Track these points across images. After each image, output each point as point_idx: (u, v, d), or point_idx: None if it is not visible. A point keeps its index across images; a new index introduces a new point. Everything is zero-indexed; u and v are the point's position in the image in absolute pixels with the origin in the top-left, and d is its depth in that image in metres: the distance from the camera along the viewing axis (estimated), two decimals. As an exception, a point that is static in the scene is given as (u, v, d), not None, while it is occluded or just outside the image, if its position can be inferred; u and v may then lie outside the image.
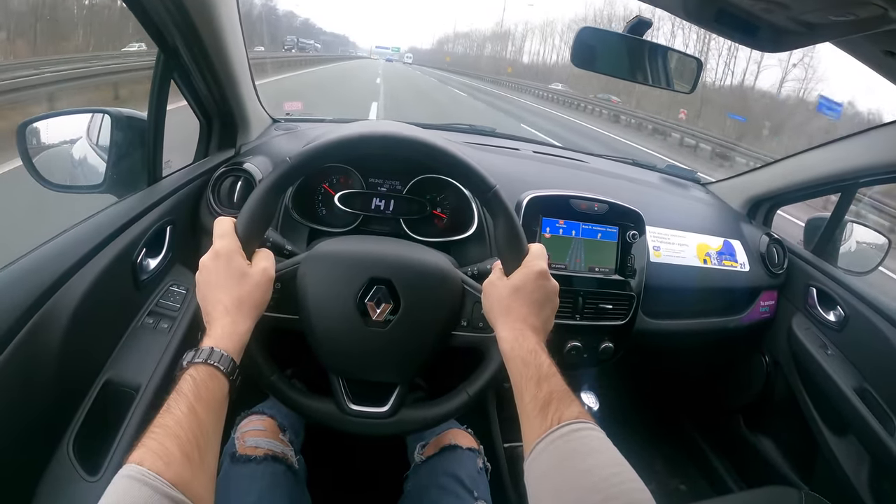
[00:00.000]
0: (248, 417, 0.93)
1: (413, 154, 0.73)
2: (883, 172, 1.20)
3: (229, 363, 0.58)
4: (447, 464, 0.92)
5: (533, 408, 0.56)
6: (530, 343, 0.63)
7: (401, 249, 0.80)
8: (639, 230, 1.14)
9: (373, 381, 0.77)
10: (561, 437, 0.52)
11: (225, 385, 0.57)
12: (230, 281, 0.63)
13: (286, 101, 1.47)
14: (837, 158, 1.28)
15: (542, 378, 0.59)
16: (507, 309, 0.67)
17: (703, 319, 1.30)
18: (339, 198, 1.09)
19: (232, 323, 0.62)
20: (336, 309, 0.72)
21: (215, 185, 1.06)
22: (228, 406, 0.59)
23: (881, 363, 1.17)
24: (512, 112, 16.20)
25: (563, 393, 0.57)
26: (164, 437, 0.47)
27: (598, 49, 1.06)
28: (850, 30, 0.64)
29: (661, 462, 1.61)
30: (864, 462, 1.18)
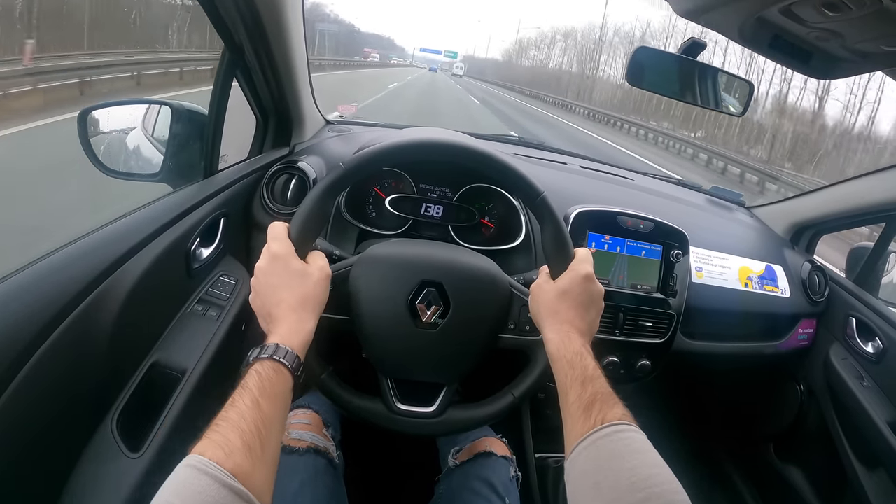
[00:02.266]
0: (294, 410, 0.96)
1: (464, 161, 0.75)
2: None
3: (294, 359, 0.59)
4: (481, 469, 0.93)
5: (577, 408, 0.58)
6: (576, 345, 0.64)
7: (451, 254, 0.81)
8: (683, 250, 1.14)
9: (421, 382, 0.78)
10: (604, 436, 0.53)
11: (289, 380, 0.58)
12: (293, 280, 0.65)
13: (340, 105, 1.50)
14: (885, 188, 1.27)
15: (587, 379, 0.60)
16: (554, 311, 0.69)
17: (740, 343, 1.29)
18: (389, 201, 1.11)
19: (298, 321, 0.63)
20: (387, 310, 0.74)
21: (269, 182, 1.09)
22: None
23: None
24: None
25: (607, 395, 0.58)
26: (228, 429, 0.49)
27: (652, 69, 1.08)
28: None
29: (687, 485, 1.58)
30: (893, 498, 1.16)
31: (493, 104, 20.43)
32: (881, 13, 0.53)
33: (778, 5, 0.59)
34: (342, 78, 19.81)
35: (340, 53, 52.72)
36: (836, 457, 1.29)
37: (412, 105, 15.07)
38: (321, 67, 20.99)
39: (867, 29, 0.59)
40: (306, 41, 1.14)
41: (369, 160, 0.73)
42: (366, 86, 17.58)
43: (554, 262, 0.73)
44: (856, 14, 0.55)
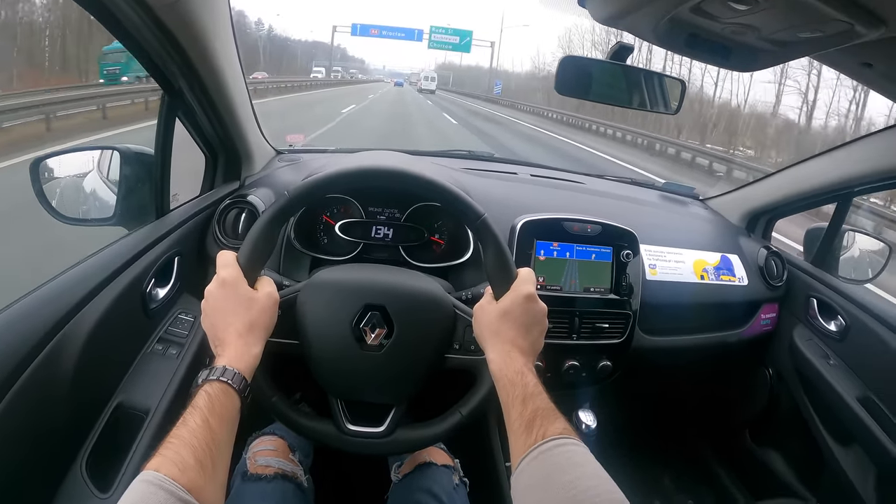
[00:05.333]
0: (260, 438, 0.97)
1: (403, 186, 0.77)
2: (877, 180, 1.20)
3: (241, 381, 0.62)
4: (423, 481, 0.94)
5: (519, 425, 0.59)
6: (517, 364, 0.66)
7: (394, 277, 0.83)
8: (633, 249, 1.15)
9: (370, 403, 0.80)
10: (544, 451, 0.55)
11: (237, 401, 0.61)
12: (240, 306, 0.67)
13: (288, 134, 1.51)
14: (832, 168, 1.28)
15: (528, 397, 0.61)
16: (496, 332, 0.70)
17: (702, 335, 1.31)
18: (339, 227, 1.12)
19: (245, 345, 0.66)
20: (333, 334, 0.75)
21: (220, 217, 1.10)
22: (241, 427, 0.62)
23: (884, 371, 1.17)
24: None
25: (547, 410, 0.60)
26: (180, 446, 0.51)
27: (580, 77, 1.09)
28: (822, 45, 0.65)
29: (669, 478, 1.61)
30: (869, 472, 1.17)
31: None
32: (790, 3, 0.54)
33: (687, 4, 0.59)
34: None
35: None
36: (810, 436, 1.31)
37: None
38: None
39: (779, 20, 0.60)
40: (244, 76, 1.15)
41: (311, 188, 0.75)
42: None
43: (496, 283, 0.74)
44: (765, 6, 0.56)
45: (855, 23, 0.54)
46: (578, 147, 14.32)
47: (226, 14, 0.96)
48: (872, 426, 1.12)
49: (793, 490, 1.38)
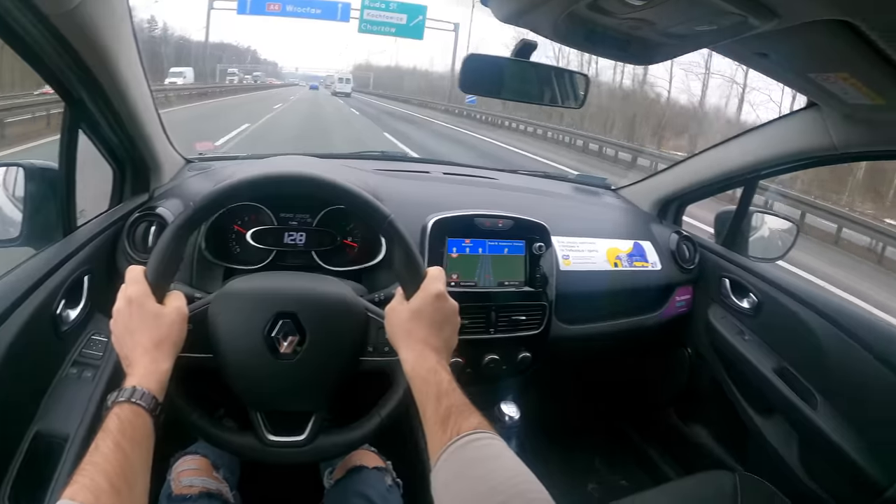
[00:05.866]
0: (182, 458, 0.95)
1: (309, 191, 0.77)
2: (780, 163, 1.27)
3: (151, 400, 0.61)
4: (355, 485, 0.95)
5: (434, 423, 0.60)
6: (430, 362, 0.67)
7: (304, 283, 0.83)
8: (544, 241, 1.18)
9: (289, 412, 0.79)
10: (460, 447, 0.56)
11: (149, 422, 0.60)
12: (146, 323, 0.66)
13: (197, 142, 1.47)
14: (737, 154, 1.34)
15: (442, 394, 0.62)
16: (408, 332, 0.71)
17: (620, 320, 1.35)
18: (251, 235, 1.10)
19: (152, 362, 0.65)
20: (246, 345, 0.74)
21: (130, 232, 1.06)
22: (164, 447, 0.63)
23: (797, 342, 1.22)
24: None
25: (461, 406, 0.61)
26: (94, 472, 0.51)
27: (485, 74, 1.10)
28: (718, 37, 0.68)
29: (601, 460, 1.66)
30: (792, 439, 1.22)
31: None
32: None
33: (584, 1, 0.61)
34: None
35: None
36: (733, 410, 1.36)
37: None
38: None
39: (674, 14, 0.62)
40: (148, 85, 1.12)
41: (215, 198, 0.74)
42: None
43: (406, 284, 0.74)
44: (659, 1, 0.58)
45: (748, 15, 0.57)
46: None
47: (125, 18, 0.92)
48: (791, 395, 1.18)
49: (721, 461, 1.44)
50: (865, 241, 8.34)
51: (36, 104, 8.81)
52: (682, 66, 23.75)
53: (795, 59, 0.79)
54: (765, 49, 0.75)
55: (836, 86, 0.82)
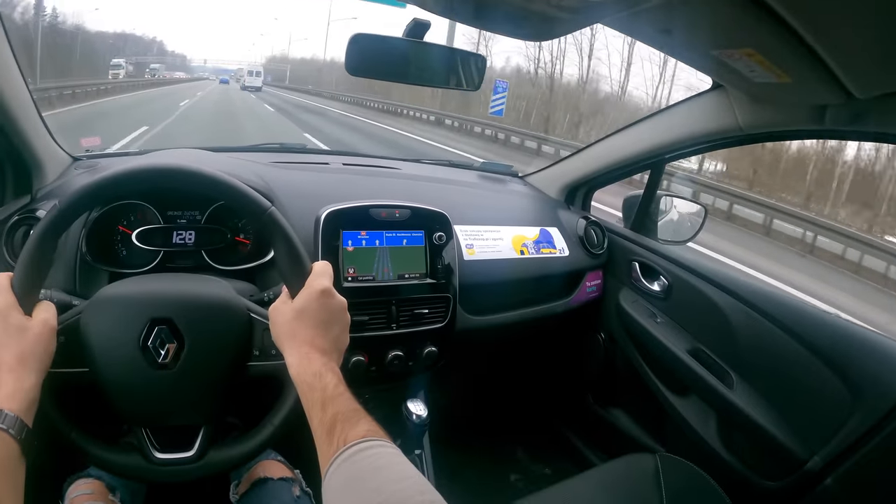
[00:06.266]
0: (76, 483, 0.88)
1: (182, 185, 0.71)
2: (686, 145, 1.28)
3: (15, 422, 0.57)
4: (261, 499, 0.91)
5: (321, 432, 0.56)
6: (315, 366, 0.63)
7: (180, 285, 0.77)
8: (445, 231, 1.14)
9: (175, 426, 0.74)
10: (346, 459, 0.52)
11: (14, 446, 0.56)
12: (9, 338, 0.62)
13: (82, 138, 1.36)
14: (643, 138, 1.36)
15: (327, 400, 0.59)
16: (292, 333, 0.67)
17: (530, 308, 1.33)
18: (136, 235, 1.02)
19: (16, 380, 0.60)
20: (121, 356, 0.69)
21: (8, 237, 0.97)
22: (56, 472, 0.61)
23: (708, 322, 1.24)
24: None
25: (349, 413, 0.57)
26: None
27: (374, 55, 1.05)
28: (614, 9, 0.65)
29: (523, 450, 1.65)
30: (710, 417, 1.24)
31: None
32: None
33: None
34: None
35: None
36: (649, 392, 1.37)
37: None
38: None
39: None
40: (22, 74, 1.01)
41: (80, 196, 0.68)
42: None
43: (290, 281, 0.70)
44: None
45: None
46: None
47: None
48: (705, 374, 1.19)
49: (641, 444, 1.45)
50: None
51: None
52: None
53: (699, 35, 0.77)
54: (668, 25, 0.73)
55: (741, 63, 0.81)
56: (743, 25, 0.67)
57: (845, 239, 8.31)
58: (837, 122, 0.95)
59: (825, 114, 0.95)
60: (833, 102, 0.91)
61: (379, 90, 28.78)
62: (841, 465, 0.97)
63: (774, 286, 1.94)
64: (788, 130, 1.09)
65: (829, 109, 0.95)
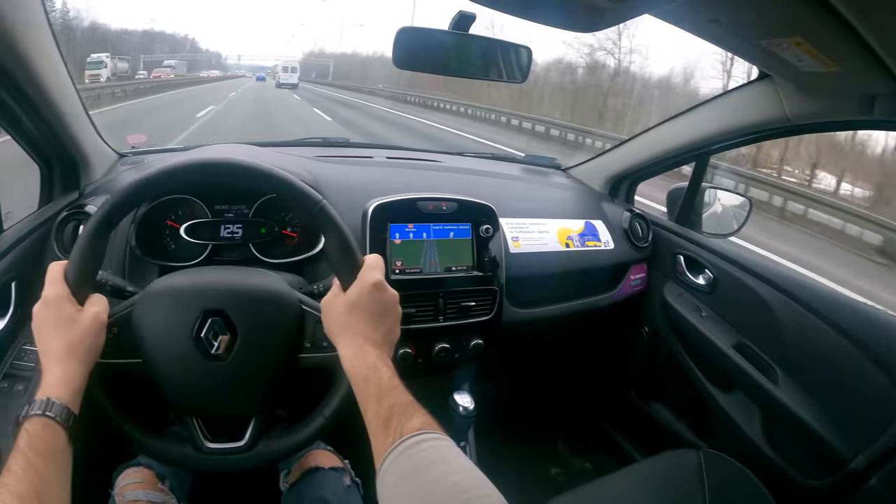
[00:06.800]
0: (125, 471, 0.91)
1: (237, 179, 0.72)
2: (730, 137, 1.26)
3: (63, 411, 0.58)
4: (311, 488, 0.92)
5: (377, 424, 0.57)
6: (370, 358, 0.63)
7: (233, 277, 0.77)
8: (492, 224, 1.14)
9: (227, 416, 0.75)
10: (403, 451, 0.52)
11: (61, 434, 0.57)
12: (59, 328, 0.63)
13: (129, 135, 1.39)
14: (688, 129, 1.33)
15: (383, 393, 0.59)
16: (345, 326, 0.67)
17: (574, 301, 1.32)
18: (184, 229, 1.04)
19: (63, 370, 0.62)
20: (174, 347, 0.70)
21: (58, 232, 1.00)
22: (107, 461, 0.64)
23: (754, 317, 1.22)
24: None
25: (404, 406, 0.57)
26: (7, 496, 0.49)
27: (421, 49, 1.05)
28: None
29: (564, 444, 1.65)
30: (754, 414, 1.22)
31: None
32: None
33: None
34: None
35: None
36: (693, 387, 1.35)
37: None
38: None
39: None
40: (70, 74, 1.04)
41: (132, 191, 0.69)
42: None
43: (342, 274, 0.70)
44: None
45: None
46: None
47: (35, 6, 0.85)
48: (750, 370, 1.17)
49: (684, 440, 1.43)
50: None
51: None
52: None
53: (748, 24, 0.76)
54: (716, 15, 0.72)
55: (789, 52, 0.79)
56: (791, 14, 0.66)
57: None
58: (887, 112, 0.91)
59: (874, 104, 0.91)
60: (882, 92, 0.88)
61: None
62: (885, 464, 0.95)
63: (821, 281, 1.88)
64: (836, 121, 1.06)
65: (879, 99, 0.91)
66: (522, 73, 1.15)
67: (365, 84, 40.47)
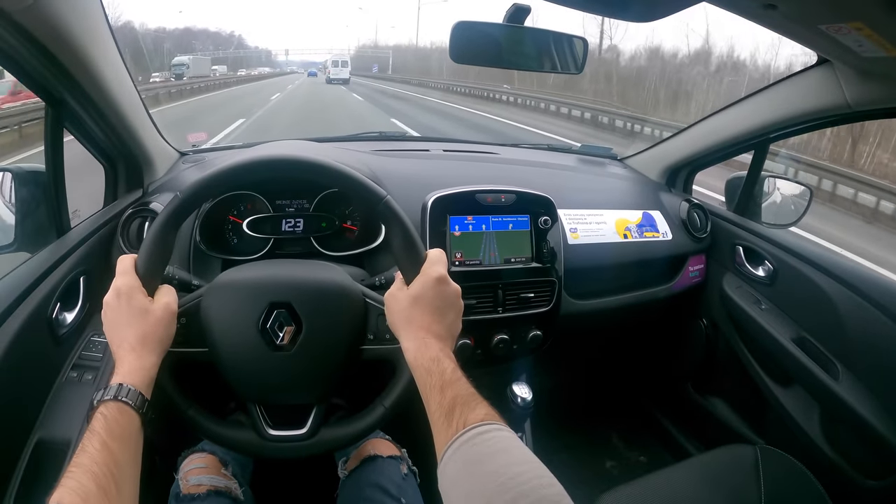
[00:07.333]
0: (190, 457, 0.94)
1: (301, 174, 0.73)
2: (790, 125, 1.22)
3: (137, 397, 0.60)
4: (369, 475, 0.93)
5: (439, 415, 0.57)
6: (433, 351, 0.64)
7: (298, 270, 0.80)
8: (550, 215, 1.13)
9: (289, 405, 0.77)
10: (466, 441, 0.52)
11: (136, 419, 0.59)
12: (133, 318, 0.65)
13: (189, 133, 1.44)
14: (746, 117, 1.30)
15: (446, 384, 0.60)
16: (409, 319, 0.68)
17: (632, 293, 1.31)
18: (247, 224, 1.08)
19: (138, 358, 0.64)
20: (240, 337, 0.72)
21: (124, 229, 1.04)
22: (172, 446, 0.65)
23: (815, 311, 1.18)
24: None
25: (467, 397, 0.58)
26: (81, 474, 0.50)
27: (477, 42, 1.05)
28: None
29: (618, 437, 1.63)
30: (813, 410, 1.19)
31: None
32: None
33: None
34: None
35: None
36: (751, 382, 1.33)
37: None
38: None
39: None
40: (132, 76, 1.08)
41: (201, 187, 0.71)
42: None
43: (405, 268, 0.71)
44: None
45: None
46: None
47: (97, 10, 0.89)
48: (810, 365, 1.14)
49: (740, 435, 1.41)
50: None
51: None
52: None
53: (806, 8, 0.73)
54: (773, 0, 0.70)
55: (850, 38, 0.76)
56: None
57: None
58: None
59: None
60: None
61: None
62: None
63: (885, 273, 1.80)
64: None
65: None
66: (577, 64, 1.14)
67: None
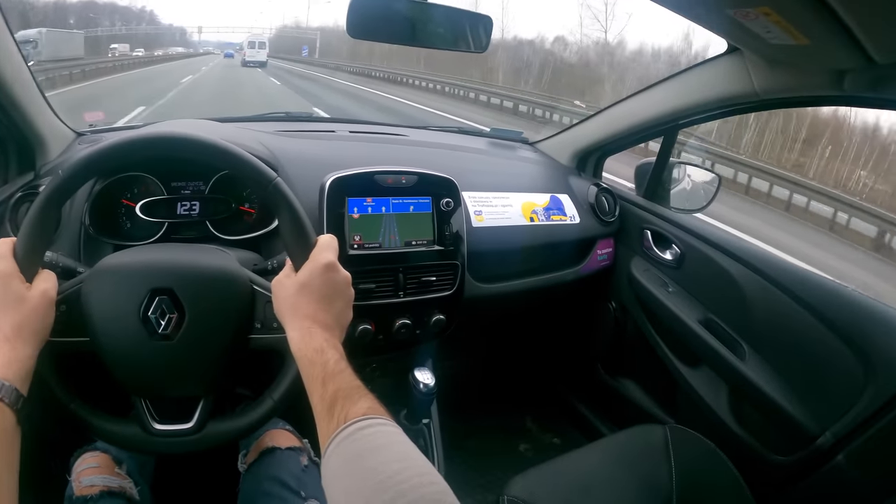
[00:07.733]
0: (83, 456, 0.89)
1: (185, 154, 0.70)
2: (700, 111, 1.24)
3: (11, 392, 0.57)
4: (268, 468, 0.91)
5: (322, 408, 0.56)
6: (317, 341, 0.62)
7: (182, 255, 0.76)
8: (453, 197, 1.12)
9: (175, 398, 0.74)
10: (346, 437, 0.51)
11: (9, 416, 0.56)
12: (7, 306, 0.61)
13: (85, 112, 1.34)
14: (655, 103, 1.32)
15: (328, 376, 0.58)
16: (294, 307, 0.66)
17: (539, 276, 1.31)
18: (140, 208, 1.01)
19: (11, 350, 0.60)
20: (121, 326, 0.68)
21: (12, 214, 0.97)
22: (64, 446, 0.61)
23: (721, 292, 1.22)
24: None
25: (350, 390, 0.56)
26: None
27: (375, 17, 1.02)
28: None
29: (532, 420, 1.66)
30: (721, 389, 1.22)
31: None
32: None
33: None
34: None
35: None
36: (660, 363, 1.36)
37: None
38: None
39: None
40: (20, 51, 1.00)
41: (82, 165, 0.68)
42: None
43: (294, 253, 0.69)
44: None
45: None
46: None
47: None
48: (717, 346, 1.17)
49: (652, 415, 1.44)
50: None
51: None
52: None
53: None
54: None
55: (758, 23, 0.77)
56: None
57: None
58: (857, 87, 0.91)
59: (844, 79, 0.91)
60: (853, 67, 0.87)
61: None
62: (852, 441, 0.96)
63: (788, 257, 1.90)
64: (806, 96, 1.05)
65: (849, 75, 0.90)
66: (482, 43, 1.13)
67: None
